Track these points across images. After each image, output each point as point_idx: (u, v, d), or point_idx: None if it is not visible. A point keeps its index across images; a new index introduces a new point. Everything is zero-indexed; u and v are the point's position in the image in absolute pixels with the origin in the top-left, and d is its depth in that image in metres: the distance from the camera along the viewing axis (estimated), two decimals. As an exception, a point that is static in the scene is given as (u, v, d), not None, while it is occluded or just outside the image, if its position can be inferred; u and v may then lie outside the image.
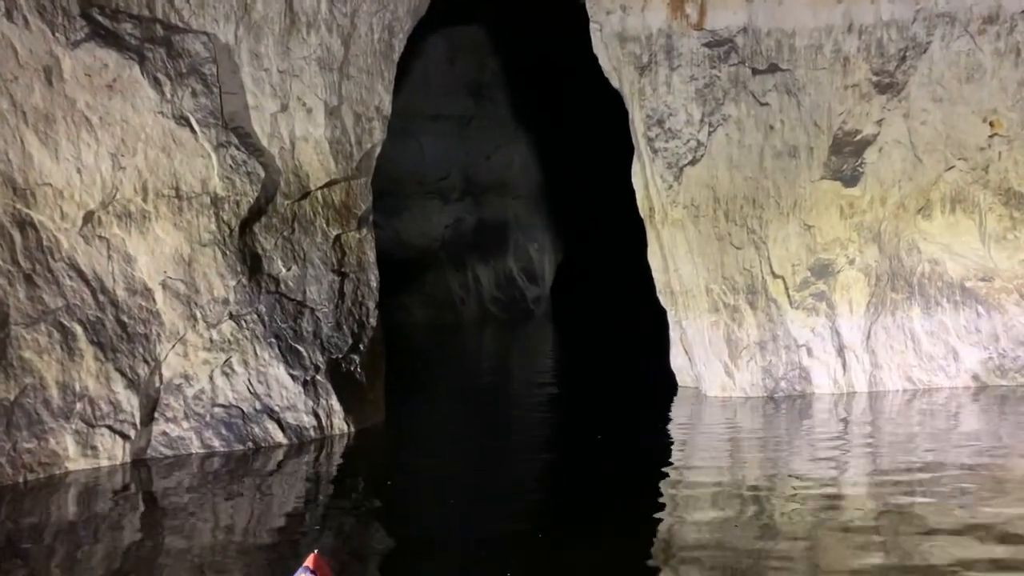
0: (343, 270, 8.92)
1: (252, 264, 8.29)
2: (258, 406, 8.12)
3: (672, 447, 8.50)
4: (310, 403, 8.39)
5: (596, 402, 10.57)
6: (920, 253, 10.47)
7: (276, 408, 8.21)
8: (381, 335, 9.36)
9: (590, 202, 24.42)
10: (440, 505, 6.67)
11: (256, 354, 8.17)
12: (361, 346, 8.97)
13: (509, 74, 23.54)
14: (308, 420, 8.35)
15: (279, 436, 8.17)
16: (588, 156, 23.82)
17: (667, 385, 11.23)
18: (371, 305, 9.19)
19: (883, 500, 6.46)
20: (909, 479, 6.95)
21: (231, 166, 8.14)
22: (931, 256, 10.48)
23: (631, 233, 23.31)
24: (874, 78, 10.14)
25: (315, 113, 8.64)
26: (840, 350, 10.40)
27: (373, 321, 9.18)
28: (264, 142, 8.44)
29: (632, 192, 11.06)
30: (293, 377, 8.31)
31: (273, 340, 8.28)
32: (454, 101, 23.47)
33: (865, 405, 10.05)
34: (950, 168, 10.26)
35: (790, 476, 7.24)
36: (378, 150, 9.25)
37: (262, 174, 8.35)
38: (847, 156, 10.24)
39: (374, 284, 9.28)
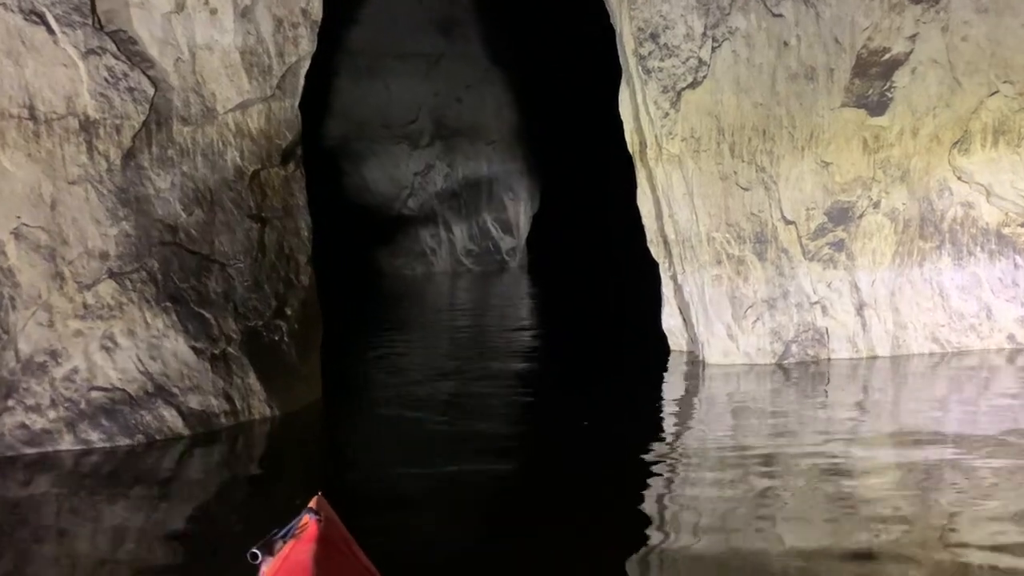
0: (263, 215, 6.89)
1: (140, 207, 6.24)
2: (150, 388, 6.14)
3: (664, 434, 6.60)
4: (220, 383, 6.42)
5: (578, 375, 8.63)
6: (952, 195, 8.58)
7: (175, 390, 6.23)
8: (315, 295, 7.37)
9: (569, 148, 22.33)
10: (390, 512, 4.78)
11: (147, 322, 6.17)
12: (288, 309, 6.98)
13: (481, 8, 21.19)
14: (218, 404, 6.40)
15: (179, 425, 6.22)
16: (568, 98, 21.65)
17: (657, 350, 9.36)
18: (301, 259, 7.18)
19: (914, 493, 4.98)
20: (938, 458, 5.58)
21: (107, 80, 6.05)
22: (964, 198, 8.59)
23: (615, 180, 21.34)
24: (908, -16, 8.12)
25: (221, 15, 6.52)
26: (860, 308, 8.56)
27: (305, 278, 7.18)
28: (154, 51, 6.32)
29: (617, 133, 9.09)
30: (196, 351, 6.33)
31: (169, 304, 6.27)
32: (422, 38, 21.14)
33: (889, 371, 8.26)
34: (993, 93, 8.32)
35: (802, 466, 5.52)
36: (306, 65, 7.14)
37: (151, 92, 6.26)
38: (873, 79, 8.26)
39: (305, 233, 7.25)
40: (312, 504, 3.10)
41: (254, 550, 2.86)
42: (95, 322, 6.00)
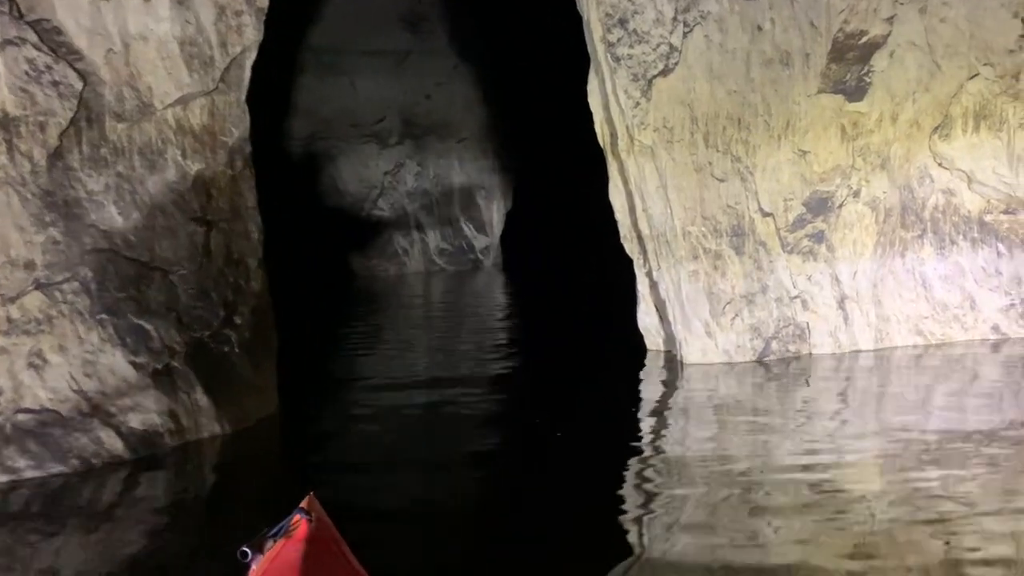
0: (209, 218, 6.35)
1: (69, 212, 5.68)
2: (85, 408, 5.59)
3: (642, 442, 6.14)
4: (164, 399, 5.88)
5: (553, 378, 8.15)
6: (933, 182, 8.23)
7: (113, 409, 5.68)
8: (268, 302, 6.84)
9: (542, 144, 21.85)
10: (356, 529, 4.28)
11: (80, 337, 5.62)
12: (238, 318, 6.45)
13: (449, 3, 20.64)
14: (162, 423, 5.86)
15: (119, 448, 5.67)
16: (539, 93, 21.15)
17: (634, 349, 8.91)
18: (252, 263, 6.64)
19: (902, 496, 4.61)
20: (928, 459, 5.27)
21: (27, 73, 5.48)
22: (946, 185, 8.25)
23: (588, 175, 20.89)
24: (884, -36, 7.73)
25: (156, 2, 5.96)
26: (841, 301, 8.17)
27: (256, 284, 6.65)
28: (82, 41, 5.75)
29: (589, 127, 8.64)
30: (137, 366, 5.79)
31: (105, 316, 5.72)
32: (389, 35, 20.55)
33: (873, 366, 7.89)
34: (974, 76, 7.97)
35: (786, 467, 5.22)
36: (252, 55, 6.61)
37: (78, 86, 5.70)
38: (850, 64, 7.87)
39: (256, 236, 6.72)
40: (303, 504, 3.06)
41: (244, 548, 2.83)
42: (20, 338, 5.43)
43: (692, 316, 7.97)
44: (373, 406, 7.37)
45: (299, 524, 2.91)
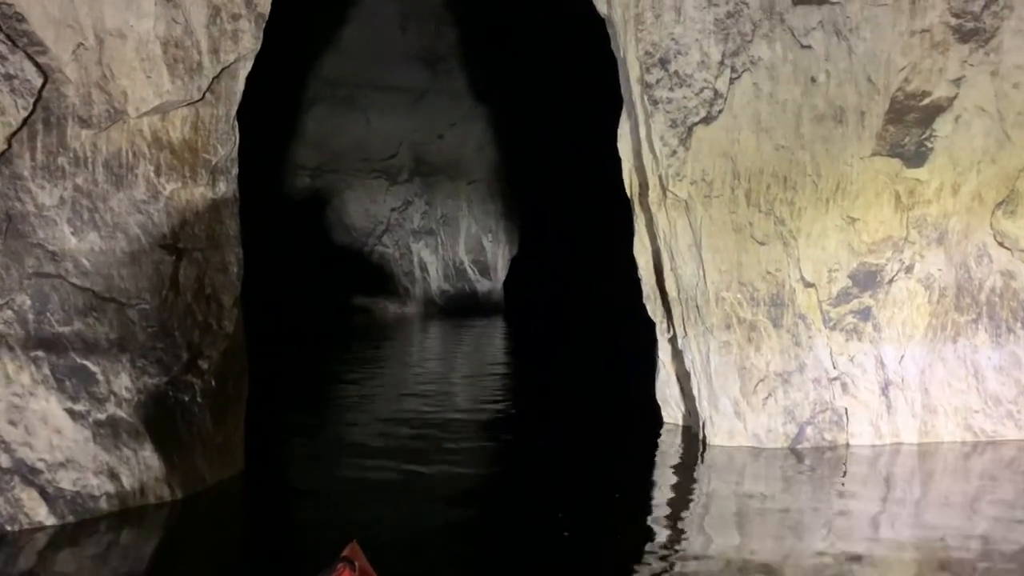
0: (180, 245, 5.38)
1: (13, 227, 4.71)
2: (5, 463, 4.56)
3: (655, 542, 5.06)
4: (103, 456, 4.85)
5: (555, 453, 7.03)
6: (992, 262, 7.29)
7: (39, 465, 4.65)
8: (242, 344, 5.84)
9: (551, 191, 21.04)
10: None
11: (7, 376, 4.61)
12: (204, 362, 5.44)
13: (467, 45, 19.98)
14: (98, 484, 4.82)
15: (41, 513, 4.63)
16: (554, 140, 20.40)
17: (648, 422, 7.88)
18: (226, 300, 5.65)
19: None
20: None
21: (-24, 63, 4.59)
22: (1005, 266, 7.30)
23: (598, 227, 19.99)
24: (953, 21, 6.87)
25: (139, -5, 5.09)
26: (885, 387, 7.17)
27: (228, 324, 5.65)
28: (48, 33, 4.84)
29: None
30: (74, 414, 4.77)
31: (41, 353, 4.72)
32: (406, 71, 19.86)
33: (916, 462, 6.88)
34: (1046, 149, 7.10)
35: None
36: (247, 67, 5.71)
37: (37, 82, 4.78)
38: (910, 126, 6.99)
39: (235, 269, 5.74)
40: (347, 552, 3.00)
41: None
42: (-66, 374, 4.43)
43: (720, 392, 6.96)
44: (353, 471, 6.31)
45: (342, 573, 2.86)
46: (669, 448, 7.30)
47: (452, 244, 21.28)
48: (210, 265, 5.56)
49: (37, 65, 4.78)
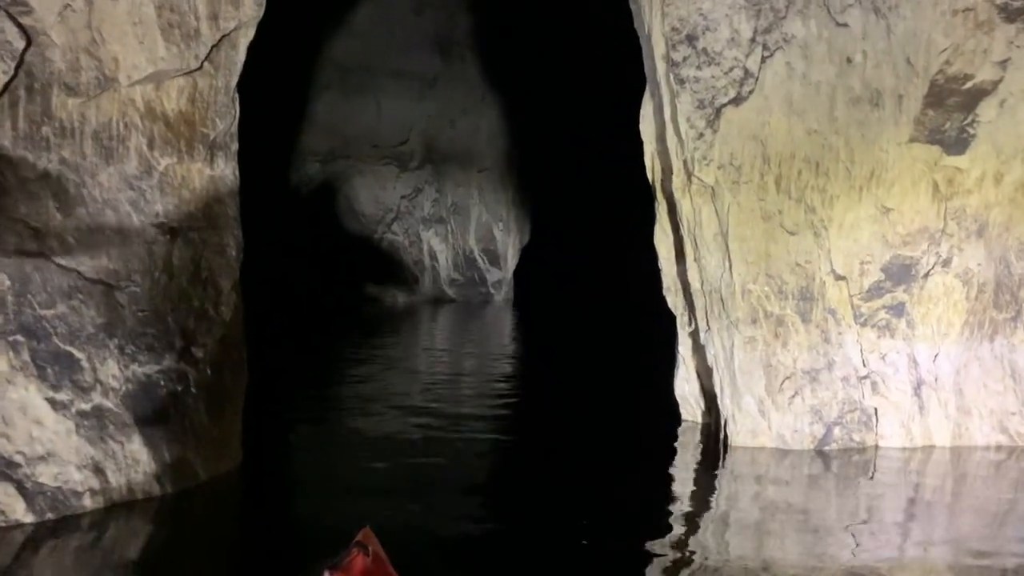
0: (175, 225, 4.98)
1: (-10, 202, 4.34)
2: (-20, 455, 4.20)
3: (671, 548, 4.65)
4: (88, 449, 4.48)
5: (567, 455, 6.56)
6: (1031, 257, 6.85)
7: (18, 458, 4.27)
8: (241, 332, 5.45)
9: (563, 181, 20.59)
10: None
11: (-17, 362, 4.24)
12: (199, 350, 5.05)
13: (481, 32, 19.55)
14: (81, 479, 4.44)
15: (19, 509, 4.25)
16: (563, 130, 19.94)
17: (666, 420, 7.46)
18: (224, 284, 5.26)
19: None
20: None
21: (-49, 22, 4.19)
22: (1045, 262, 6.85)
23: (609, 218, 19.52)
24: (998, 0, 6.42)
25: (133, -46, 4.68)
26: (917, 387, 6.74)
27: (226, 310, 5.25)
28: (33, -8, 4.46)
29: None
30: (56, 404, 4.39)
31: (21, 338, 4.34)
32: (418, 57, 19.45)
33: (948, 467, 6.46)
34: (1095, 138, 6.63)
35: None
36: (249, 35, 5.29)
37: (20, 45, 4.37)
38: (951, 111, 6.52)
39: (233, 252, 5.34)
40: (359, 537, 2.99)
41: None
42: (-98, 359, 4.06)
43: (744, 390, 6.53)
44: (357, 464, 5.92)
45: (356, 558, 2.82)
46: (687, 448, 6.88)
47: (462, 233, 20.88)
48: (207, 247, 5.16)
49: (20, 26, 4.37)
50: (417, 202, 20.22)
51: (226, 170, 5.27)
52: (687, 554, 4.51)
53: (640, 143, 7.25)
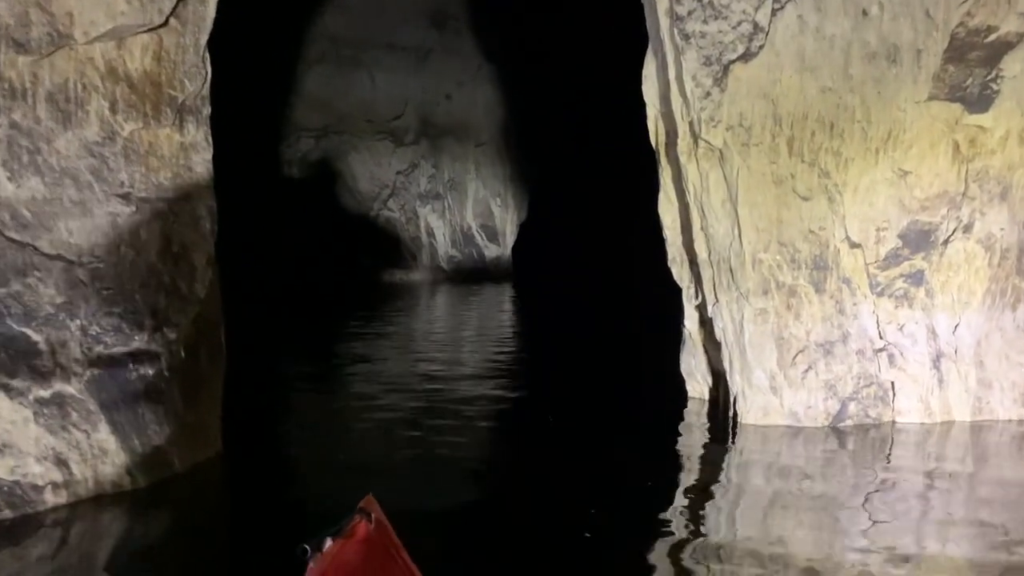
0: (142, 195, 4.55)
1: (-68, 170, 3.90)
2: (-72, 448, 3.80)
3: (674, 540, 4.27)
4: (48, 440, 4.08)
5: (567, 435, 6.15)
6: (1055, 221, 6.42)
7: (-30, 451, 3.89)
8: (218, 311, 5.04)
9: (561, 155, 20.09)
10: None
11: (-72, 347, 3.83)
12: (171, 331, 4.64)
13: (476, 3, 18.95)
14: (42, 472, 4.06)
15: (-28, 505, 3.88)
16: (565, 102, 19.42)
17: (670, 397, 7.08)
18: (198, 260, 4.84)
19: None
20: None
21: None
22: (1070, 226, 6.43)
23: (610, 193, 19.04)
24: (1024, -56, 5.94)
25: None
26: (936, 359, 6.34)
27: (201, 288, 4.84)
28: (-28, -62, 4.00)
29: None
30: (9, 391, 3.98)
31: (-30, 320, 3.94)
32: (412, 30, 18.88)
33: (968, 442, 6.08)
34: None
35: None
36: (219, -12, 4.83)
37: (-42, -4, 3.94)
38: (973, 66, 6.06)
39: (208, 225, 4.92)
40: (362, 504, 2.93)
41: (304, 545, 2.63)
42: None
43: (755, 365, 6.14)
44: (349, 450, 5.54)
45: (358, 524, 2.78)
46: (694, 426, 6.50)
47: (459, 209, 20.43)
48: (178, 219, 4.73)
49: (-42, -24, 3.92)
50: (413, 178, 19.74)
51: (197, 136, 4.83)
52: (689, 539, 4.13)
53: (642, 108, 6.80)
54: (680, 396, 7.07)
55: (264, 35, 16.68)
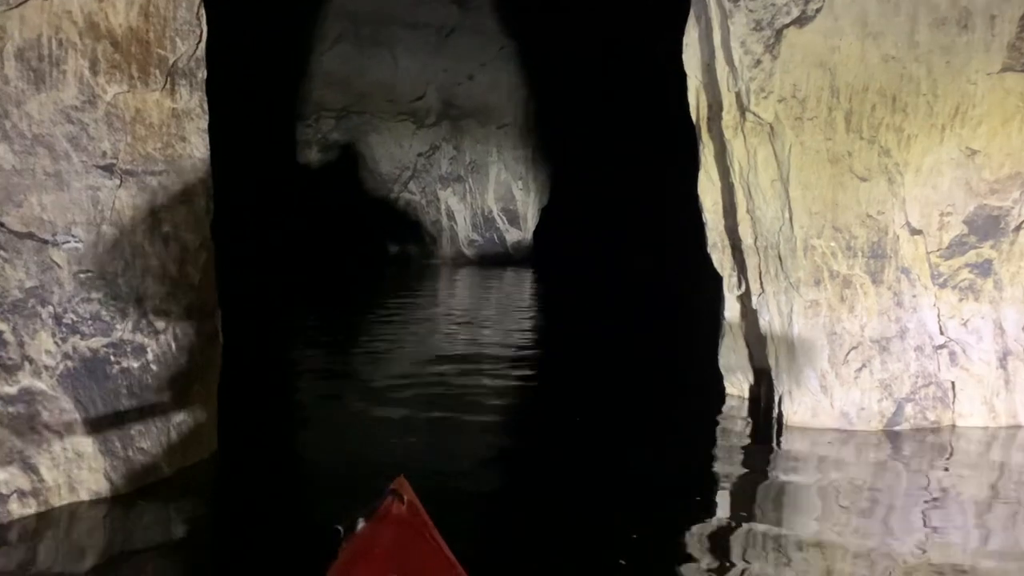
0: (127, 167, 4.00)
1: None
2: None
3: (715, 559, 3.68)
4: (13, 442, 3.56)
5: (593, 434, 5.54)
6: None
7: (-76, 455, 3.38)
8: (213, 297, 4.49)
9: (585, 138, 19.39)
10: None
11: None
12: (159, 320, 4.10)
13: (500, -21, 18.26)
14: (6, 478, 3.54)
15: (-74, 517, 3.36)
16: (590, 84, 18.70)
17: (706, 394, 6.47)
18: (191, 241, 4.28)
19: None
20: None
21: None
22: None
23: (635, 179, 18.32)
24: None
25: None
26: (1003, 357, 5.68)
27: (194, 271, 4.29)
28: None
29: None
30: (-29, 387, 3.47)
31: (-76, 306, 3.41)
32: (435, 7, 18.22)
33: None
34: None
35: None
36: (213, -65, 4.24)
37: (-89, -65, 3.39)
38: (1053, 33, 5.37)
39: (202, 203, 4.36)
40: (394, 486, 2.83)
41: (337, 526, 2.63)
42: None
43: (804, 362, 5.51)
44: (356, 447, 5.00)
45: (391, 506, 2.69)
46: (734, 428, 5.89)
47: (481, 192, 19.84)
48: (168, 195, 4.18)
49: (-88, -88, 3.37)
50: (434, 160, 19.17)
51: (191, 102, 4.27)
52: (727, 559, 3.55)
53: (681, 82, 6.15)
54: (718, 394, 6.46)
55: (283, 13, 16.12)
